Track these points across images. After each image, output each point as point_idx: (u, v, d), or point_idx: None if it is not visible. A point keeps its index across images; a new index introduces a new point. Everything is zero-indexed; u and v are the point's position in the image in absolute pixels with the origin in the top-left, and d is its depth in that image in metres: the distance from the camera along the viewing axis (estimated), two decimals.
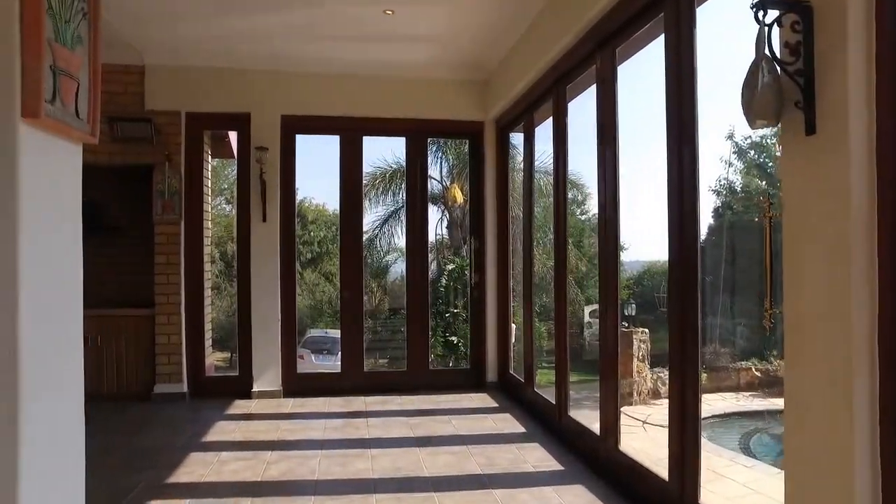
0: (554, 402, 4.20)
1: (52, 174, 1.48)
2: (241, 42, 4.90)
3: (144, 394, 5.12)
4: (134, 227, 5.55)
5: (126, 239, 5.61)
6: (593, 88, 3.57)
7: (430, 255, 6.03)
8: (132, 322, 5.19)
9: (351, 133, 5.54)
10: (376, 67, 5.37)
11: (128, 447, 3.89)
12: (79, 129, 1.53)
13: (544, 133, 4.72)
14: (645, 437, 5.34)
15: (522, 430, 4.31)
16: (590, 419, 3.73)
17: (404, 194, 5.89)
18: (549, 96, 4.30)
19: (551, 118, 4.30)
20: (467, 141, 5.89)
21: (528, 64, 4.38)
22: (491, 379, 5.53)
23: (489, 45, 4.93)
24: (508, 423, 4.47)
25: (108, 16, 4.54)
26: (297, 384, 5.39)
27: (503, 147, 5.56)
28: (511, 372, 5.38)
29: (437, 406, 4.97)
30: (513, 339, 5.53)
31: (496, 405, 5.01)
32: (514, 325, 5.64)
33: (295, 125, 5.42)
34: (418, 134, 5.71)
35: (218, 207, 17.34)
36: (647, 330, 9.38)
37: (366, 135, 5.68)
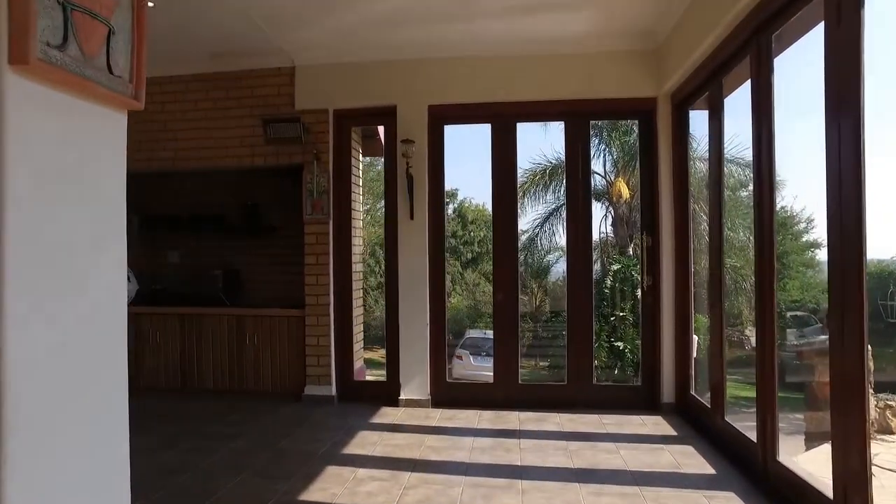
0: (755, 440, 3.28)
1: (64, 144, 1.13)
2: (383, 31, 4.65)
3: (297, 394, 5.09)
4: (288, 228, 5.60)
5: (282, 239, 5.69)
6: (812, 39, 2.65)
7: (593, 254, 5.29)
8: (285, 322, 5.20)
9: (503, 119, 5.03)
10: (528, 44, 4.80)
11: (270, 451, 3.76)
12: (111, 88, 1.17)
13: (735, 106, 3.80)
14: (885, 493, 4.05)
15: (711, 471, 3.45)
16: (809, 463, 2.79)
17: (565, 188, 5.21)
18: (746, 52, 3.38)
19: (746, 85, 3.38)
20: (635, 128, 5.07)
21: (712, 17, 3.51)
22: (667, 400, 4.65)
23: (660, 4, 4.11)
24: (691, 460, 3.62)
25: (260, 23, 4.59)
26: (446, 393, 5.00)
27: (680, 126, 4.65)
28: (693, 393, 4.46)
29: (602, 429, 4.26)
30: (694, 354, 4.59)
31: (674, 433, 4.15)
32: (695, 337, 4.69)
33: (442, 115, 5.04)
34: (579, 116, 5.01)
35: (376, 207, 18.00)
36: (867, 346, 7.61)
37: (520, 121, 5.12)
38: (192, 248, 6.04)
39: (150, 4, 4.20)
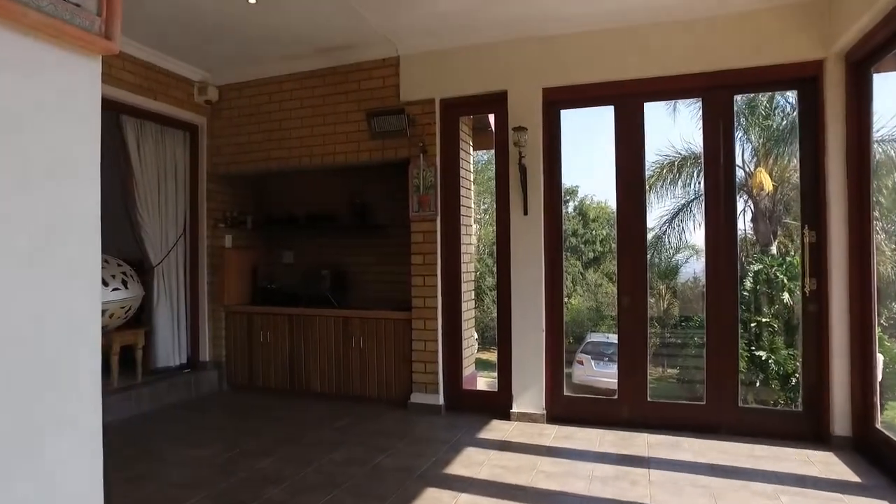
0: None
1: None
2: (491, 8, 4.23)
3: (402, 401, 4.84)
4: (396, 226, 5.39)
5: (390, 238, 5.50)
6: None
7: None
8: (391, 325, 4.96)
9: (629, 100, 4.41)
10: (658, 10, 4.15)
11: (369, 466, 3.49)
12: (71, 22, 0.86)
13: None
14: None
15: None
16: None
17: (698, 181, 4.48)
18: None
19: None
20: (787, 104, 4.22)
21: None
22: (840, 432, 3.79)
23: None
24: None
25: (362, 12, 4.38)
26: (563, 407, 4.50)
27: (859, 91, 3.75)
28: (878, 426, 3.58)
29: (753, 464, 3.53)
30: (879, 377, 3.69)
31: (857, 480, 3.31)
32: (879, 356, 3.78)
33: (558, 99, 4.53)
34: (719, 91, 4.27)
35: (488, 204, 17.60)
36: None
37: (649, 100, 4.47)
38: (304, 248, 6.04)
39: (252, 0, 4.18)
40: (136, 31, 4.61)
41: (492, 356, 14.23)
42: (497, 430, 4.27)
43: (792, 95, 10.79)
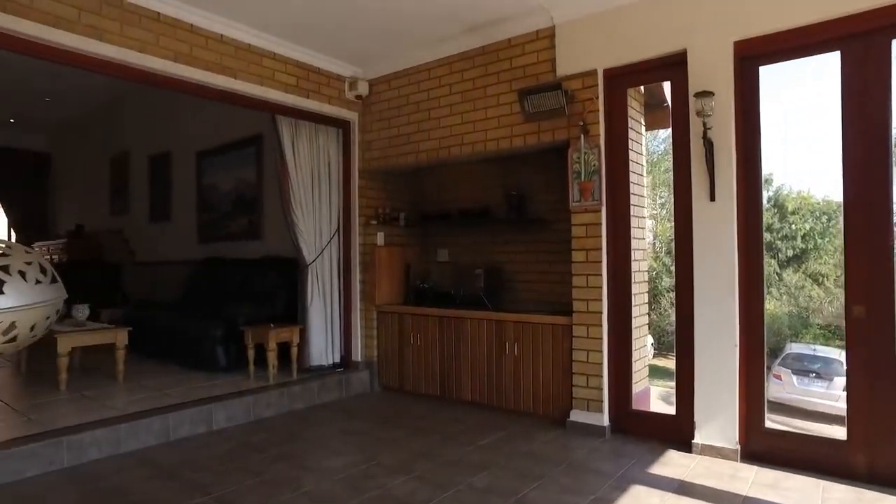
0: None
1: None
2: None
3: (560, 419, 4.23)
4: (556, 219, 4.80)
5: (549, 233, 4.92)
6: None
7: None
8: (549, 331, 4.38)
9: (866, 40, 3.30)
10: None
11: (512, 498, 2.96)
12: None
13: None
14: None
15: None
16: None
17: None
18: None
19: None
20: None
21: None
22: None
23: None
24: None
25: None
26: (763, 443, 3.55)
27: None
28: None
29: None
30: None
31: None
32: None
33: (755, 52, 3.58)
34: None
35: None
36: None
37: None
38: (458, 244, 5.71)
39: None
40: (288, 30, 4.60)
41: (667, 363, 12.84)
42: (675, 464, 3.48)
43: None
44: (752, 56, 3.59)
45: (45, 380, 5.00)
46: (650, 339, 4.75)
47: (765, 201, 16.43)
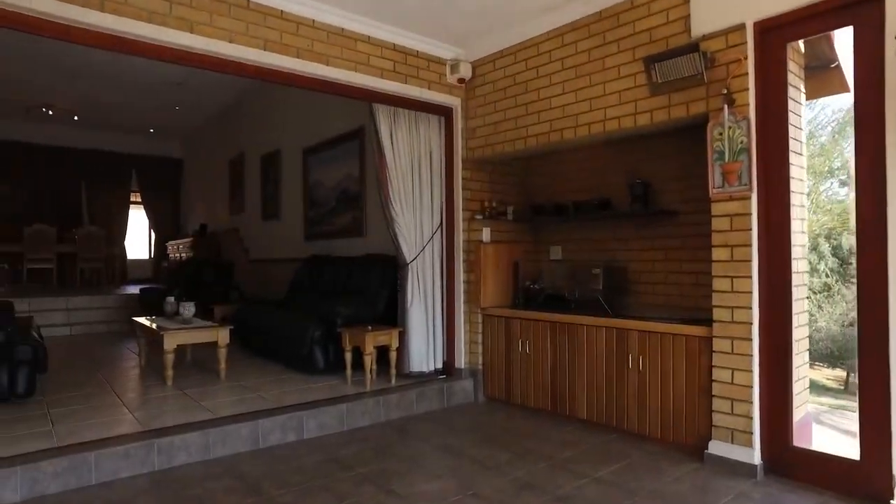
0: None
1: None
2: None
3: (697, 451, 3.50)
4: (690, 211, 4.07)
5: (682, 227, 4.20)
6: None
7: None
8: (683, 343, 3.66)
9: None
10: None
11: None
12: None
13: None
14: None
15: None
16: None
17: None
18: None
19: None
20: None
21: None
22: None
23: None
24: None
25: None
26: None
27: None
28: None
29: None
30: None
31: None
32: None
33: None
34: None
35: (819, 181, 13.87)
36: None
37: None
38: (573, 241, 5.11)
39: None
40: (383, 11, 4.26)
41: (817, 375, 11.14)
42: None
43: None
44: None
45: (159, 373, 5.08)
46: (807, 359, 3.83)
47: None
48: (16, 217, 10.85)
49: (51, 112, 10.27)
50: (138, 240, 13.57)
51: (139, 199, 12.97)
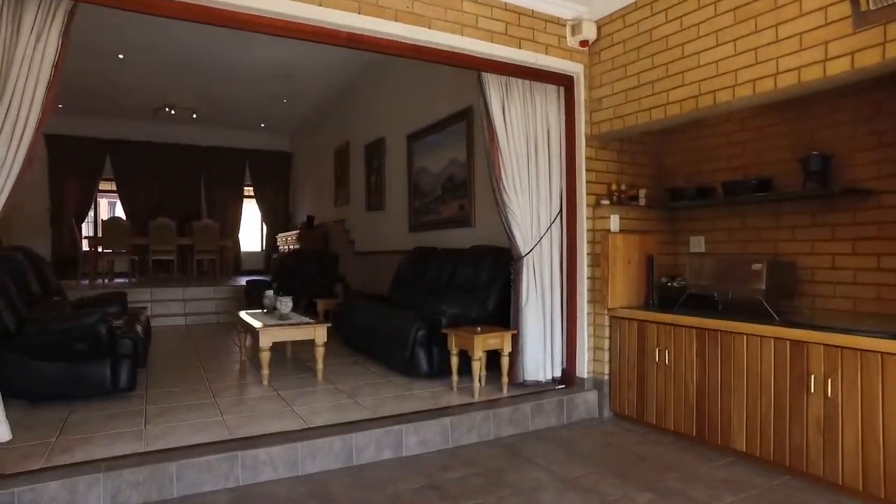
0: None
1: None
2: None
3: None
4: (887, 190, 3.11)
5: (874, 210, 3.24)
6: None
7: None
8: (894, 364, 2.72)
9: None
10: None
11: None
12: None
13: None
14: None
15: None
16: None
17: None
18: None
19: None
20: None
21: None
22: None
23: None
24: None
25: None
26: None
27: None
28: None
29: None
30: None
31: None
32: None
33: None
34: None
35: None
36: None
37: None
38: (722, 230, 4.24)
39: None
40: None
41: None
42: None
43: None
44: None
45: (258, 369, 4.85)
46: None
47: None
48: (144, 212, 11.60)
49: (173, 112, 10.72)
50: (252, 232, 14.01)
51: (252, 193, 13.39)
